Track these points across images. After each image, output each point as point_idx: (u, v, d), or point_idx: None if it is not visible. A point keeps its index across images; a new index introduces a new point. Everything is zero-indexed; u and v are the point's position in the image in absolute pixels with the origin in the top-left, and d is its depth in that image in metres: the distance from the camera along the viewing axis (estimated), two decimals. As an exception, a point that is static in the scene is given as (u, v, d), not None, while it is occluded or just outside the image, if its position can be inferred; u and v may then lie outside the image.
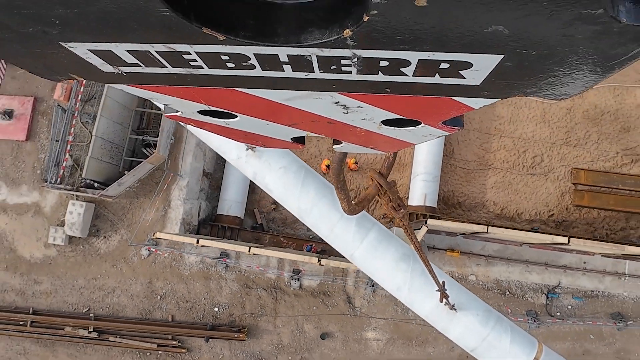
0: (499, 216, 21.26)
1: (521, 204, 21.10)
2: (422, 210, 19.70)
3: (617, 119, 21.20)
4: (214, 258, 19.69)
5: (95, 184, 19.58)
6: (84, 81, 15.52)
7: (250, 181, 21.50)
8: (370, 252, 10.15)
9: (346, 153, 4.46)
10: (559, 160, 21.13)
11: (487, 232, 17.27)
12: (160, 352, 19.79)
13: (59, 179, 19.77)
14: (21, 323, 20.07)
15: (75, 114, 20.14)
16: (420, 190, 20.17)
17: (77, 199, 19.92)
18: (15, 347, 20.38)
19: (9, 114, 20.80)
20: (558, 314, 19.34)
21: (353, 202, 5.84)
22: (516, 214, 21.17)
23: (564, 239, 16.53)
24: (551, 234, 19.33)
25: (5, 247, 20.64)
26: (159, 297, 20.07)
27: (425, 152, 20.68)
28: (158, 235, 18.88)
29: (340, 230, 10.08)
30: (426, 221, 16.76)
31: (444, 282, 8.77)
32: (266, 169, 10.00)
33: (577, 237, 17.27)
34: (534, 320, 19.00)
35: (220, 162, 22.05)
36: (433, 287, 8.88)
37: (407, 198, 20.35)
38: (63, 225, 20.05)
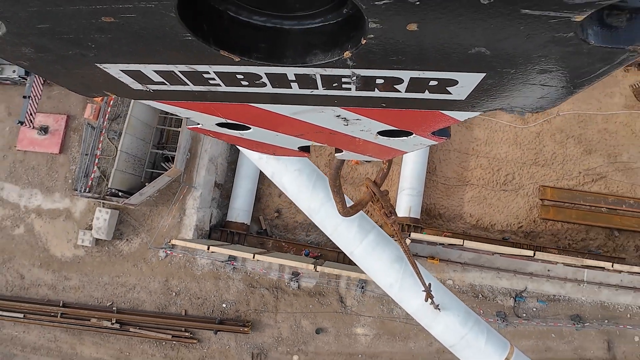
0: (474, 227, 21.31)
1: (494, 216, 21.16)
2: (406, 221, 19.73)
3: (580, 142, 21.20)
4: (222, 261, 19.70)
5: (120, 193, 19.70)
6: (111, 102, 15.26)
7: (256, 192, 21.75)
8: (369, 251, 10.11)
9: (343, 161, 4.39)
10: (529, 178, 21.18)
11: (462, 245, 17.37)
12: (174, 342, 19.81)
13: (87, 188, 19.87)
14: (52, 314, 20.14)
15: (103, 131, 20.23)
16: (406, 203, 20.22)
17: (103, 206, 20.03)
18: (47, 335, 20.46)
19: (44, 129, 20.89)
20: (524, 315, 19.36)
21: (348, 206, 5.65)
22: (490, 225, 21.22)
23: (530, 252, 16.63)
24: (519, 245, 19.50)
25: (40, 247, 20.72)
26: (174, 293, 20.12)
27: (410, 169, 20.67)
28: (173, 242, 18.94)
29: (343, 229, 10.04)
30: (409, 234, 16.88)
31: (430, 284, 8.64)
32: (283, 169, 9.97)
33: (542, 251, 17.39)
34: (503, 321, 19.02)
35: (230, 174, 22.13)
36: (421, 288, 8.68)
37: (397, 216, 20.40)
38: (90, 229, 20.13)
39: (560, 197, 20.63)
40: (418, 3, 0.93)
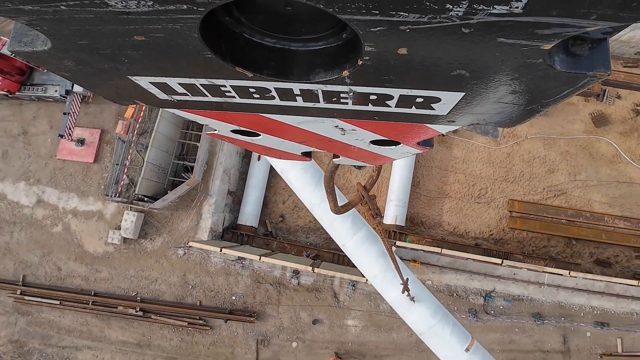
0: (451, 233, 21.46)
1: (469, 225, 21.35)
2: (393, 228, 19.94)
3: (545, 163, 21.42)
4: (233, 260, 19.88)
5: (145, 199, 19.85)
6: (140, 120, 15.38)
7: (263, 199, 22.09)
8: (359, 245, 10.17)
9: (338, 165, 4.30)
10: (499, 193, 21.34)
11: (440, 253, 17.69)
12: (189, 328, 19.98)
13: (117, 194, 20.04)
14: (85, 302, 20.32)
15: (132, 144, 20.40)
16: (393, 212, 20.45)
17: (130, 210, 20.20)
18: (80, 320, 20.70)
19: (81, 141, 21.08)
20: (492, 312, 19.54)
21: (339, 205, 5.54)
22: (465, 232, 21.35)
23: (499, 260, 16.93)
24: (490, 250, 19.81)
25: (75, 243, 20.90)
26: (190, 286, 20.25)
27: (397, 182, 20.83)
28: (191, 243, 19.24)
29: (338, 224, 10.11)
30: (395, 242, 17.24)
31: (407, 279, 8.62)
32: (291, 167, 9.98)
33: (509, 257, 17.69)
34: (474, 317, 19.26)
35: (241, 183, 22.29)
36: (400, 281, 8.64)
37: (382, 218, 20.74)
38: (119, 229, 20.28)
39: (527, 210, 20.89)
40: (408, 31, 0.94)
